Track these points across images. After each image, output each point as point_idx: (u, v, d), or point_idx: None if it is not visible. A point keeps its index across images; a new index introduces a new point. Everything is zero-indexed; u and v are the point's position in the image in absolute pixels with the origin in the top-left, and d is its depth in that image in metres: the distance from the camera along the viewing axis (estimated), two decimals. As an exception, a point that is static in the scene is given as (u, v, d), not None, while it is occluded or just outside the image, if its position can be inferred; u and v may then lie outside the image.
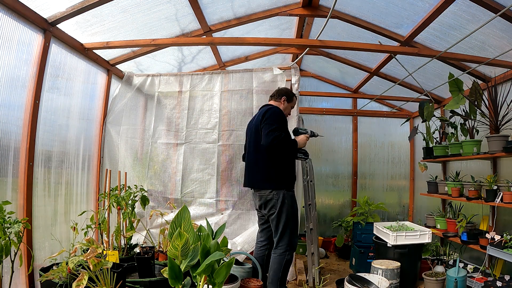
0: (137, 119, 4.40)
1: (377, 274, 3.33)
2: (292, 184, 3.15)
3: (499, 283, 2.99)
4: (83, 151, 3.56)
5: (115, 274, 2.28)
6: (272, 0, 3.59)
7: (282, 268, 3.01)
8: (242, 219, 4.10)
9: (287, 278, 3.65)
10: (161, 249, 3.42)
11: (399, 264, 3.40)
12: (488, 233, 3.23)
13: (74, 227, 2.79)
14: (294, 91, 3.87)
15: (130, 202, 3.27)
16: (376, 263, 3.41)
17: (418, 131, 4.63)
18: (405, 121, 5.24)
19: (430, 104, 4.30)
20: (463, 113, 3.75)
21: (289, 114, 3.47)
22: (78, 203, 3.47)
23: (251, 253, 3.49)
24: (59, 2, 2.74)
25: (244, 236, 3.92)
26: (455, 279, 3.17)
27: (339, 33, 4.10)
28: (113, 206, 3.28)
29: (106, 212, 3.20)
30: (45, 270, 2.49)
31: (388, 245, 3.64)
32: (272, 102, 3.36)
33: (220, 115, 4.25)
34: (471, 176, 3.87)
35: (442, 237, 4.07)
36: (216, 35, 4.00)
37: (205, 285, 2.10)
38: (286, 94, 3.36)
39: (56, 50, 3.03)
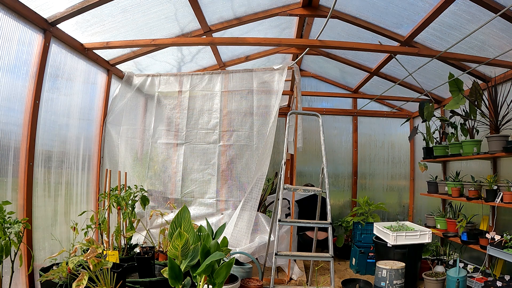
0: (137, 119, 4.40)
1: (381, 274, 3.32)
2: None
3: (499, 283, 2.99)
4: (83, 151, 3.56)
5: (115, 274, 2.28)
6: (272, 0, 3.59)
7: None
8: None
9: (290, 277, 3.66)
10: (161, 249, 3.42)
11: (403, 264, 3.39)
12: (488, 233, 3.23)
13: (74, 227, 2.79)
14: (296, 91, 3.86)
15: (130, 202, 3.27)
16: (380, 264, 3.40)
17: (418, 131, 4.63)
18: (405, 121, 5.25)
19: (430, 104, 4.29)
20: (463, 113, 3.75)
21: None
22: (78, 203, 3.46)
23: (252, 253, 3.48)
24: (59, 2, 2.74)
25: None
26: (457, 279, 3.17)
27: (339, 33, 4.10)
28: (113, 206, 3.28)
29: (106, 212, 3.19)
30: (45, 270, 2.49)
31: (388, 245, 3.64)
32: None
33: (220, 116, 4.24)
34: (471, 176, 3.87)
35: (442, 237, 4.06)
36: (216, 35, 3.99)
37: (205, 285, 2.10)
38: None
39: (56, 50, 3.03)
